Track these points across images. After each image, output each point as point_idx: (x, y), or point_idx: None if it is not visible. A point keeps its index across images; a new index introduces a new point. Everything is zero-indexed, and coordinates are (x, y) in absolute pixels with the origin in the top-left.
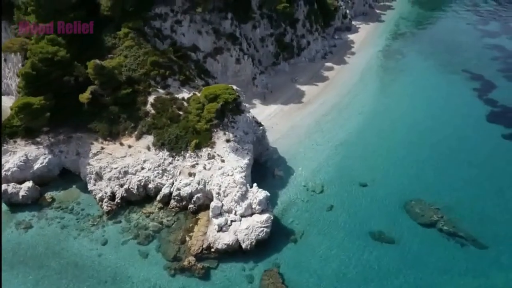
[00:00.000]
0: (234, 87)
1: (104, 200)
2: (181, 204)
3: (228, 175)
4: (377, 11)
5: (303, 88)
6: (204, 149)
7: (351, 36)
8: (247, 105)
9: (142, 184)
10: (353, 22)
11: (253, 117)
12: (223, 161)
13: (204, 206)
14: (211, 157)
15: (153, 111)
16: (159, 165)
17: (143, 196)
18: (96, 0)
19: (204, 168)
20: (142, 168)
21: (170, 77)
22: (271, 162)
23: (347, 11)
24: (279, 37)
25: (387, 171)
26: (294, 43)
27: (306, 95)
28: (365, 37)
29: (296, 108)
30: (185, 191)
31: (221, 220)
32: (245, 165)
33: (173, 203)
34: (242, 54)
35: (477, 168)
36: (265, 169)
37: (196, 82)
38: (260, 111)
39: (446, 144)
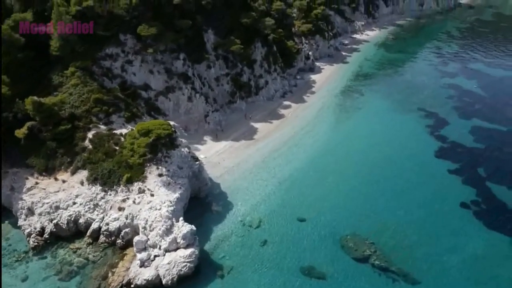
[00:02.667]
0: (172, 123)
1: (32, 236)
2: (110, 239)
3: (156, 209)
4: (343, 53)
5: (257, 125)
6: (135, 184)
7: (313, 76)
8: (183, 140)
9: (72, 219)
10: (318, 63)
11: (189, 152)
12: (152, 195)
13: (132, 241)
14: (141, 191)
15: (90, 147)
16: (91, 200)
17: (73, 232)
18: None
19: (134, 202)
20: (74, 203)
21: (114, 114)
22: (212, 197)
23: (310, 53)
24: (235, 76)
25: (328, 206)
26: (251, 82)
27: (259, 132)
28: (327, 78)
29: (247, 144)
30: (113, 226)
31: (143, 255)
32: (175, 199)
33: (102, 238)
34: (194, 93)
35: (417, 204)
36: (204, 204)
37: (143, 119)
38: (210, 147)
39: (389, 180)
